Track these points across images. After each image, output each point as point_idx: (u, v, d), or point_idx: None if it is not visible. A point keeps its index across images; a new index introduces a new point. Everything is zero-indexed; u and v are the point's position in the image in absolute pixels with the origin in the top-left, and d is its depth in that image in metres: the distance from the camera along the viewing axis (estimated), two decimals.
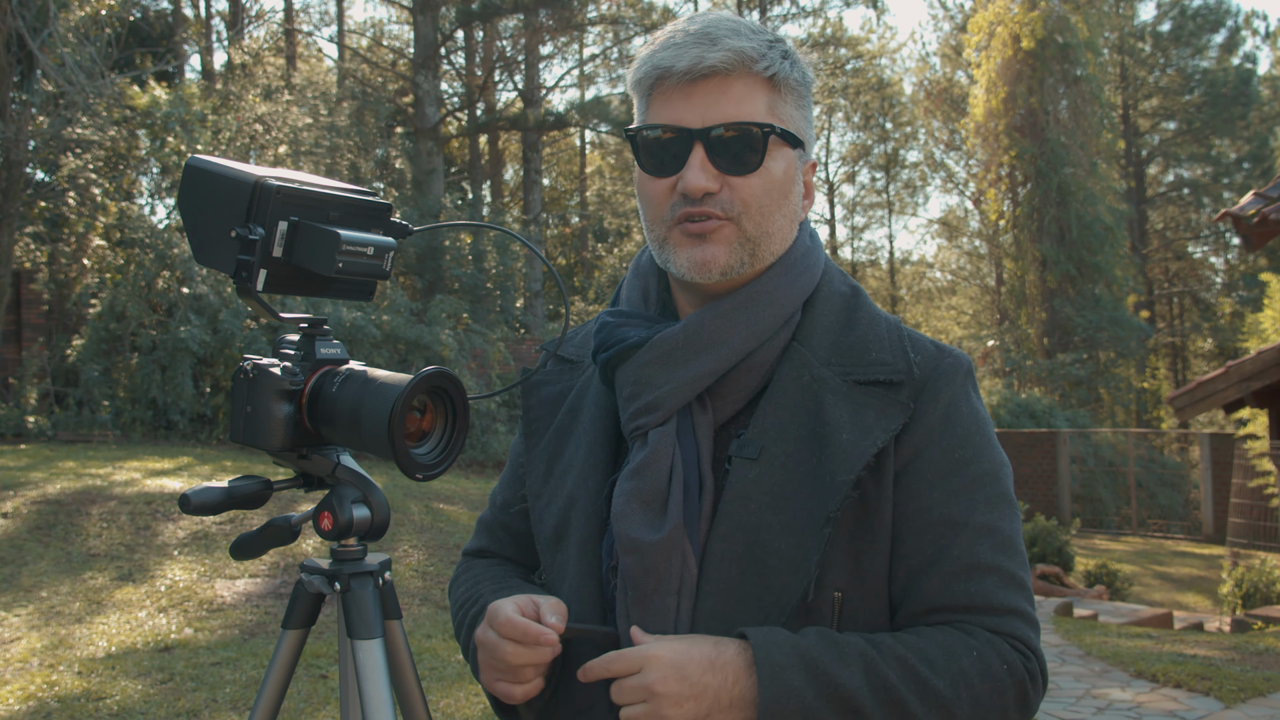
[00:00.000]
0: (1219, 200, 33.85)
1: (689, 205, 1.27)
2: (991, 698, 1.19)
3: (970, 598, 1.22)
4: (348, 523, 1.36)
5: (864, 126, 36.67)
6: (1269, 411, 11.32)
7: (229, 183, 1.28)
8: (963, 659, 1.18)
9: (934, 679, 1.16)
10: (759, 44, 1.28)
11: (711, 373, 1.29)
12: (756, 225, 1.28)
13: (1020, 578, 1.26)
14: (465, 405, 1.34)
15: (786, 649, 1.16)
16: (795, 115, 1.32)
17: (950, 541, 1.24)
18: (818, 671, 1.14)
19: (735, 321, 1.29)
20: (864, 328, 1.33)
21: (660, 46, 1.30)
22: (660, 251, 1.32)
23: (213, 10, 23.95)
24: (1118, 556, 15.27)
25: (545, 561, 1.39)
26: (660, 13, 25.30)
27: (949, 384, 1.29)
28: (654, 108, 1.31)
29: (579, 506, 1.35)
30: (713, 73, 1.26)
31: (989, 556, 1.24)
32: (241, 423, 1.34)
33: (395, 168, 21.46)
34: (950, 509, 1.25)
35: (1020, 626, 1.23)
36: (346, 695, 1.45)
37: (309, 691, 5.16)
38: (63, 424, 11.99)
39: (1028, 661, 1.22)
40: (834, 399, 1.27)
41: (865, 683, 1.15)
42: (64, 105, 12.98)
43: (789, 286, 1.32)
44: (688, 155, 1.27)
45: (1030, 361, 25.46)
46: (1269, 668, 6.78)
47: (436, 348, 14.24)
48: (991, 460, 1.31)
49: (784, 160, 1.30)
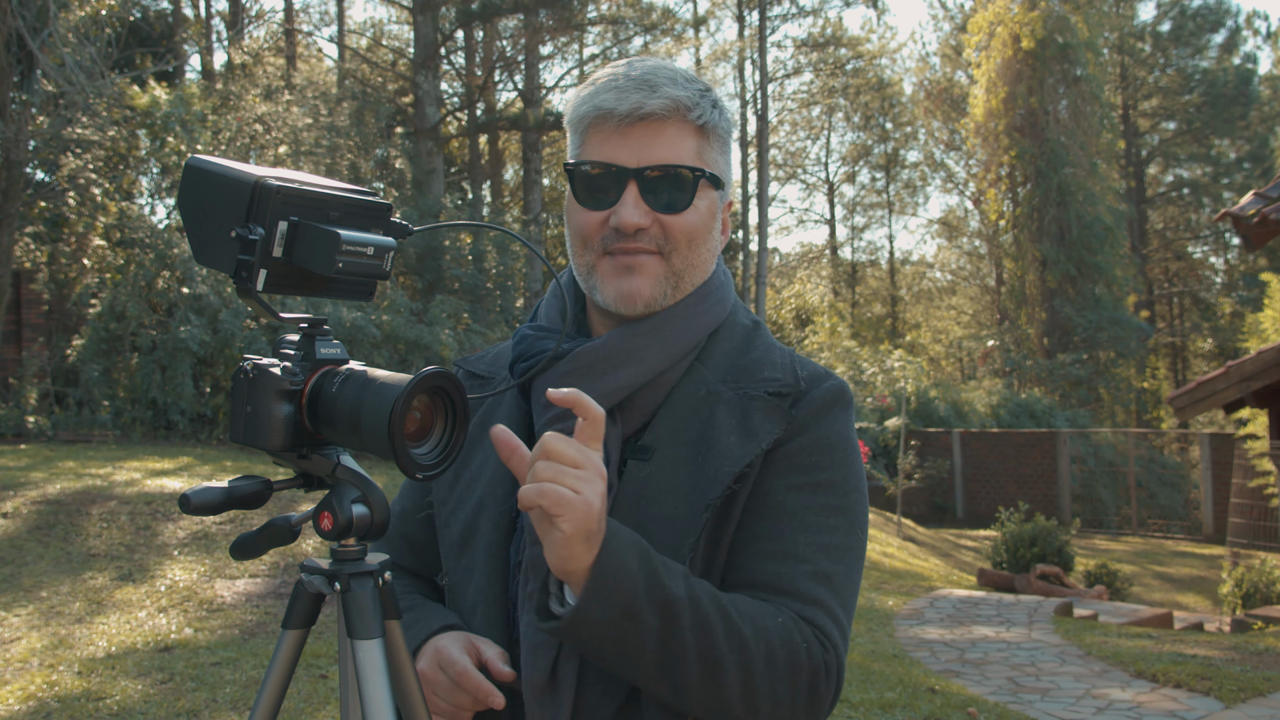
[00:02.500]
0: (1219, 200, 33.86)
1: (620, 240, 1.38)
2: (787, 669, 1.23)
3: (779, 579, 1.29)
4: (348, 523, 1.36)
5: (864, 126, 36.71)
6: (1269, 411, 11.33)
7: (229, 183, 1.28)
8: (768, 621, 1.24)
9: (741, 624, 1.22)
10: (693, 93, 1.39)
11: (626, 386, 1.38)
12: (683, 259, 1.40)
13: (835, 579, 1.31)
14: (465, 405, 1.34)
15: (630, 537, 1.21)
16: (719, 160, 1.44)
17: (776, 527, 1.31)
18: (650, 566, 1.19)
19: (652, 341, 1.39)
20: (759, 353, 1.43)
21: (601, 89, 1.39)
22: (587, 278, 1.42)
23: (213, 10, 23.97)
24: (1118, 556, 15.28)
25: (449, 565, 1.47)
26: (660, 12, 25.32)
27: (825, 400, 1.39)
28: (589, 145, 1.40)
29: (487, 512, 1.43)
30: (650, 117, 1.37)
31: (808, 551, 1.30)
32: (241, 423, 1.34)
33: (395, 168, 21.46)
34: (786, 499, 1.33)
35: (824, 619, 1.28)
36: (346, 695, 1.45)
37: (309, 691, 5.16)
38: (63, 424, 11.99)
39: (826, 653, 1.26)
40: (725, 409, 1.37)
41: (686, 594, 1.20)
42: (64, 105, 12.98)
43: (703, 315, 1.43)
44: (621, 192, 1.37)
45: (1030, 361, 25.48)
46: (1269, 668, 6.78)
47: (436, 348, 14.24)
48: (844, 477, 1.37)
49: (708, 200, 1.42)
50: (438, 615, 1.43)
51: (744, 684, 1.22)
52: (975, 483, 20.60)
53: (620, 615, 1.17)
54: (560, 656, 1.32)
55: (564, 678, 1.32)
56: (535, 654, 1.32)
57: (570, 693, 1.31)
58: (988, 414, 22.41)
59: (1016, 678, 6.49)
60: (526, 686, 1.33)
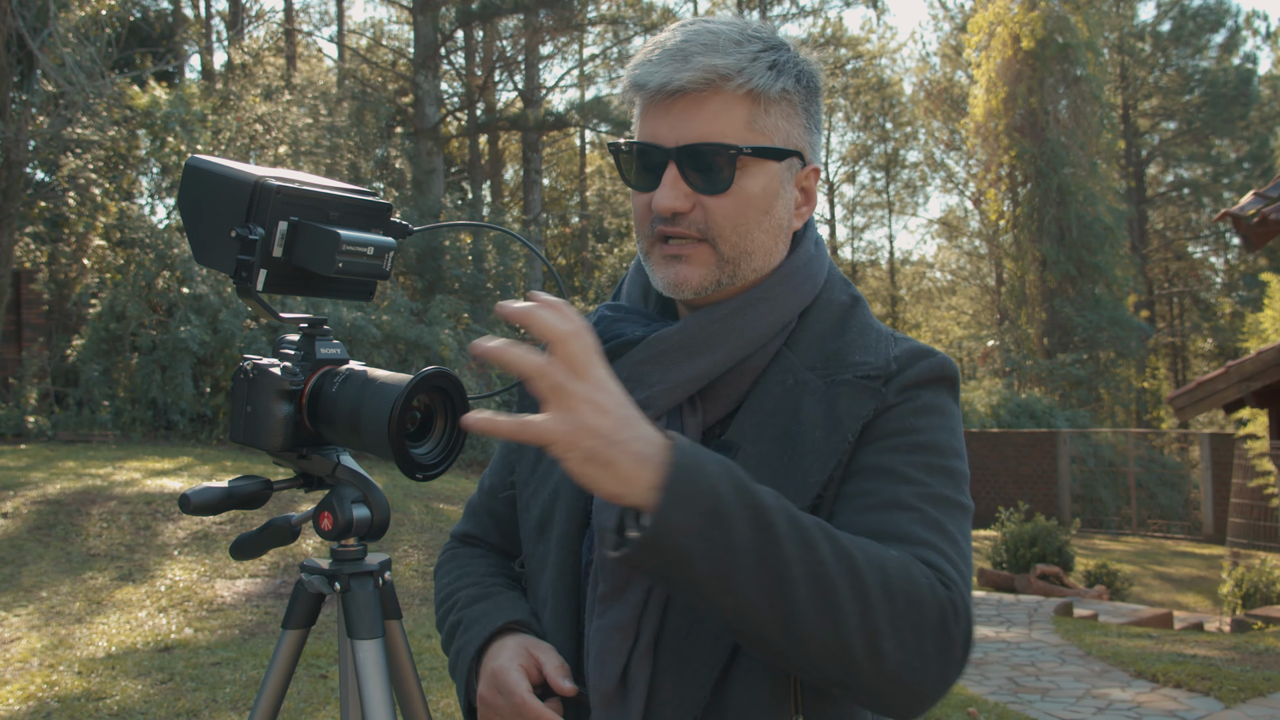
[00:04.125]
0: (1219, 200, 33.85)
1: (663, 224, 1.27)
2: (909, 605, 1.07)
3: (884, 526, 1.16)
4: (348, 523, 1.36)
5: (864, 126, 36.69)
6: (1269, 411, 11.32)
7: (229, 183, 1.28)
8: (880, 551, 1.10)
9: (848, 543, 1.07)
10: (739, 58, 1.24)
11: (704, 376, 1.28)
12: (733, 245, 1.27)
13: (946, 527, 1.18)
14: (465, 405, 1.34)
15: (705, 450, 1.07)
16: (783, 126, 1.28)
17: (874, 484, 1.20)
18: (735, 474, 1.05)
19: (731, 327, 1.28)
20: (853, 334, 1.31)
21: (640, 60, 1.29)
22: (645, 263, 1.33)
23: (213, 10, 23.97)
24: (1118, 556, 15.27)
25: (527, 550, 1.40)
26: (660, 13, 25.31)
27: (920, 376, 1.27)
28: (640, 120, 1.30)
29: (563, 500, 1.35)
30: (684, 91, 1.24)
31: (913, 500, 1.18)
32: (241, 423, 1.34)
33: (395, 168, 21.46)
34: (880, 459, 1.22)
35: (939, 560, 1.13)
36: (346, 695, 1.45)
37: (309, 691, 5.16)
38: (63, 424, 11.99)
39: (949, 591, 1.10)
40: (811, 399, 1.26)
41: (778, 503, 1.06)
42: (64, 105, 12.98)
43: (788, 295, 1.31)
44: (662, 173, 1.26)
45: (1030, 361, 25.46)
46: (1269, 668, 6.78)
47: (436, 348, 14.24)
48: (946, 441, 1.25)
49: (763, 176, 1.27)
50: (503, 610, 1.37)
51: (863, 615, 1.04)
52: (975, 482, 20.58)
53: (706, 521, 1.01)
54: (631, 663, 1.23)
55: (634, 685, 1.23)
56: (604, 660, 1.24)
57: (641, 701, 1.23)
58: (988, 414, 22.40)
59: (1016, 677, 6.49)
60: (594, 694, 1.25)
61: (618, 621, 1.24)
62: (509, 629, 1.34)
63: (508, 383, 1.47)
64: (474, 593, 1.43)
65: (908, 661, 1.06)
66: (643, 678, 1.23)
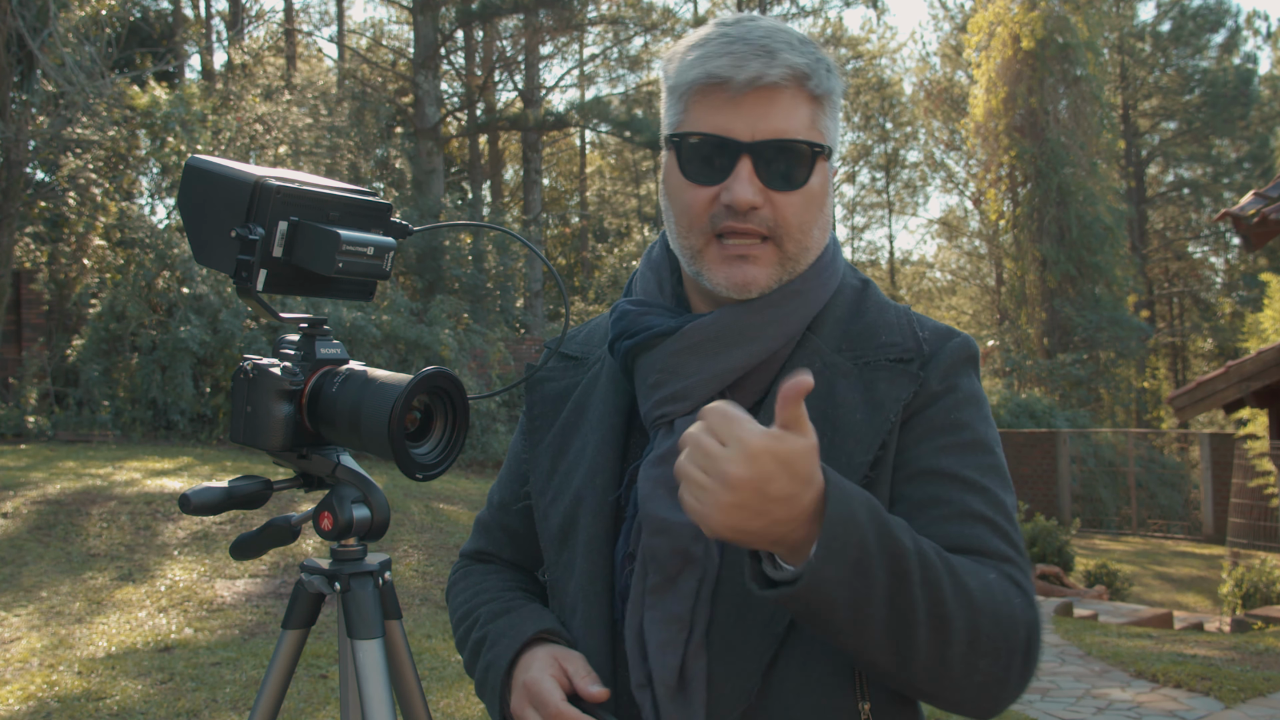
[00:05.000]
0: (1219, 200, 33.85)
1: (732, 219, 1.26)
2: (1009, 627, 1.15)
3: (967, 540, 1.20)
4: (348, 523, 1.36)
5: (864, 126, 36.68)
6: (1269, 411, 11.32)
7: (229, 183, 1.28)
8: (986, 575, 1.17)
9: (966, 576, 1.14)
10: (810, 60, 1.27)
11: (741, 367, 1.29)
12: (797, 243, 1.29)
13: (1014, 537, 1.24)
14: (465, 405, 1.34)
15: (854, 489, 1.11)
16: (830, 127, 1.32)
17: (942, 490, 1.23)
18: (880, 520, 1.10)
19: (769, 319, 1.29)
20: (873, 315, 1.34)
21: (713, 52, 1.26)
22: (693, 262, 1.31)
23: (213, 10, 23.97)
24: (1118, 556, 15.28)
25: (550, 559, 1.39)
26: (660, 12, 25.32)
27: (953, 359, 1.31)
28: (695, 113, 1.28)
29: (587, 504, 1.34)
30: (769, 87, 1.25)
31: (981, 508, 1.23)
32: (241, 423, 1.34)
33: (395, 168, 21.46)
34: (941, 461, 1.25)
35: (1020, 575, 1.21)
36: (346, 695, 1.45)
37: (309, 691, 5.16)
38: (63, 424, 11.99)
39: (1033, 610, 1.19)
40: (845, 382, 1.28)
41: (914, 547, 1.11)
42: (64, 105, 12.98)
43: (820, 289, 1.33)
44: (734, 166, 1.25)
45: (1030, 361, 25.45)
46: (1269, 668, 6.78)
47: (436, 348, 14.23)
48: (987, 433, 1.30)
49: (822, 174, 1.30)
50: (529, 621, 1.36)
51: (970, 643, 1.12)
52: None
53: (853, 571, 1.06)
54: (688, 654, 1.24)
55: (694, 676, 1.24)
56: (664, 652, 1.24)
57: (702, 691, 1.24)
58: None
59: None
60: (660, 687, 1.25)
61: (674, 613, 1.25)
62: (539, 639, 1.33)
63: (508, 383, 1.47)
64: (495, 608, 1.41)
65: (997, 676, 1.15)
66: (700, 668, 1.24)
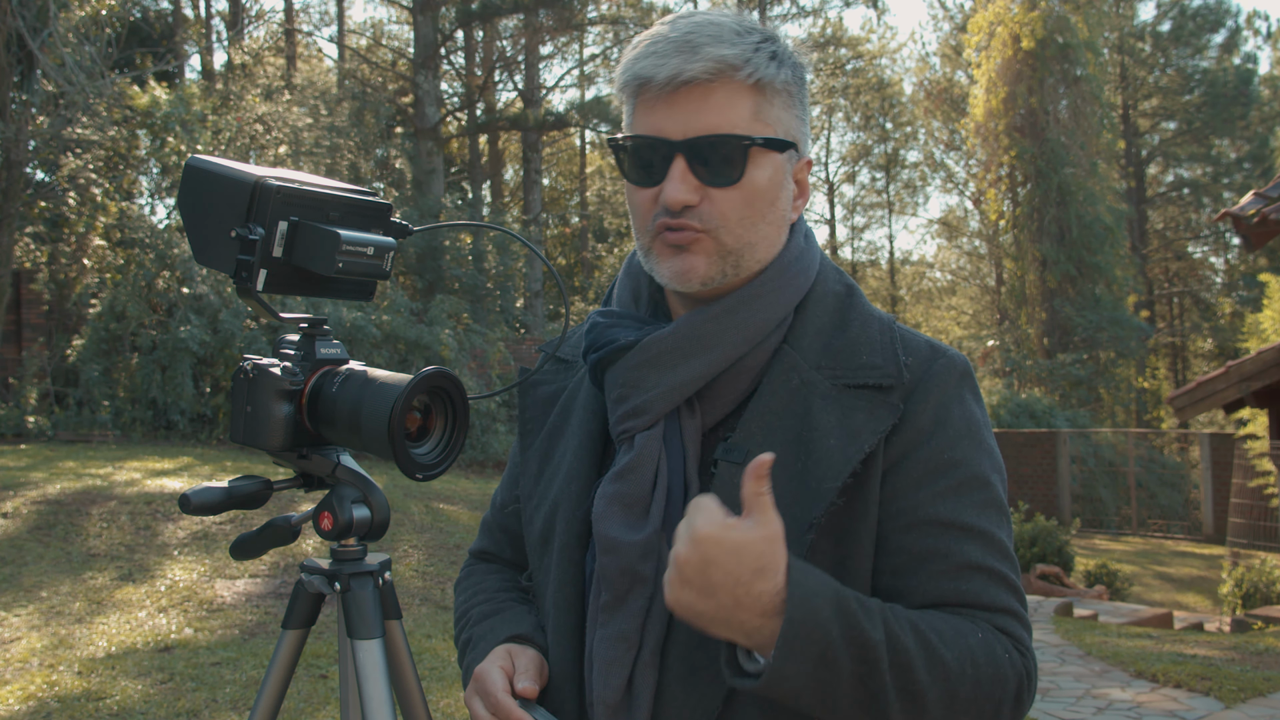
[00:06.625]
0: (1219, 200, 33.85)
1: (667, 217, 1.25)
2: (993, 685, 1.15)
3: (963, 595, 1.19)
4: (348, 523, 1.36)
5: (864, 126, 36.69)
6: (1269, 411, 11.32)
7: (229, 183, 1.28)
8: (970, 638, 1.16)
9: (943, 650, 1.13)
10: (743, 49, 1.23)
11: (701, 377, 1.26)
12: (736, 238, 1.25)
13: (1012, 580, 1.23)
14: (465, 405, 1.34)
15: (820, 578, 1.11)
16: (784, 117, 1.28)
17: (938, 541, 1.20)
18: (847, 613, 1.09)
19: (725, 325, 1.26)
20: (856, 329, 1.29)
21: (641, 54, 1.26)
22: (646, 259, 1.30)
23: (213, 10, 23.97)
24: (1118, 556, 15.27)
25: (533, 563, 1.39)
26: (660, 13, 25.31)
27: (941, 385, 1.26)
28: (638, 115, 1.27)
29: (562, 511, 1.33)
30: (693, 82, 1.22)
31: (979, 557, 1.20)
32: (241, 423, 1.34)
33: (395, 168, 21.47)
34: (937, 509, 1.21)
35: (1016, 626, 1.21)
36: (346, 695, 1.45)
37: (309, 691, 5.16)
38: (63, 424, 11.99)
39: (1025, 660, 1.20)
40: (823, 403, 1.24)
41: (884, 637, 1.10)
42: (64, 105, 12.98)
43: (781, 290, 1.29)
44: (668, 166, 1.24)
45: (1030, 361, 25.45)
46: (1269, 668, 6.78)
47: (436, 348, 14.24)
48: (982, 465, 1.25)
49: (769, 168, 1.26)
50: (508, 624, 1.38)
51: (947, 708, 1.14)
52: None
53: (816, 665, 1.08)
54: (636, 673, 1.23)
55: (639, 694, 1.23)
56: (608, 670, 1.23)
57: (646, 711, 1.22)
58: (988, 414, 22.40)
59: None
60: (599, 705, 1.24)
61: (621, 631, 1.24)
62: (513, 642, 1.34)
63: (508, 383, 1.47)
64: (485, 609, 1.43)
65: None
66: (648, 687, 1.22)
